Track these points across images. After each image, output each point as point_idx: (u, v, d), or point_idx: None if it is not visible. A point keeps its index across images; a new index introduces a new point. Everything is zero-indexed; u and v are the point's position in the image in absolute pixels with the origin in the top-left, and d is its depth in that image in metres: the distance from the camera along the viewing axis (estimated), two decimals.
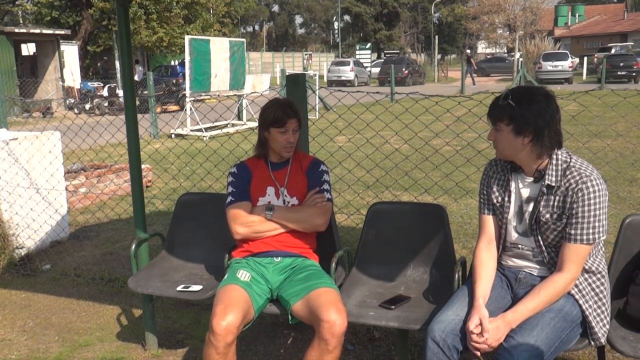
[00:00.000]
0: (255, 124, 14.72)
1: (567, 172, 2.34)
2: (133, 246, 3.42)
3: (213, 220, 3.46)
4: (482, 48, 74.90)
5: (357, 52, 50.23)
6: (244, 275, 2.83)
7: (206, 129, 14.14)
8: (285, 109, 2.96)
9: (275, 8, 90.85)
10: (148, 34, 29.33)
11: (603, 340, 2.40)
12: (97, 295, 4.49)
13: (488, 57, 49.70)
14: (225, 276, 2.89)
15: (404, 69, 34.70)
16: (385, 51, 61.93)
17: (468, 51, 39.60)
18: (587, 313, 2.37)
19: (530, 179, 2.44)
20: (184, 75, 19.96)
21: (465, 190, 6.44)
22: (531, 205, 2.44)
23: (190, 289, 3.07)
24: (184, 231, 3.56)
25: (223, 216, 3.02)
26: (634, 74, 29.39)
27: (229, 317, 2.57)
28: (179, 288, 3.09)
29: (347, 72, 36.00)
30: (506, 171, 2.51)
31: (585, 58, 35.30)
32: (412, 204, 3.37)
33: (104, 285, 4.67)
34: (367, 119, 5.44)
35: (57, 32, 23.75)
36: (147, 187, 7.90)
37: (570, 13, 60.11)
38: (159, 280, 3.23)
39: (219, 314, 2.58)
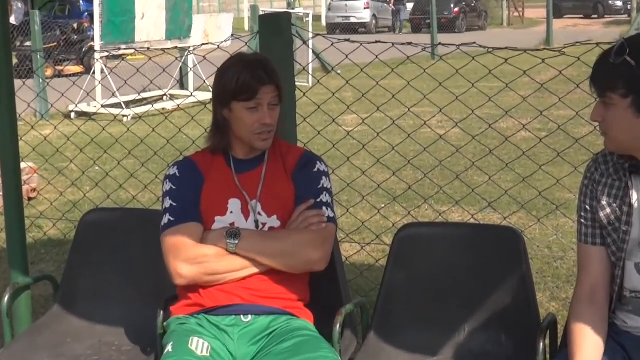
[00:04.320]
0: (208, 96, 12.91)
1: None
2: (6, 298, 2.72)
3: (138, 252, 2.78)
4: None
5: None
6: (200, 346, 2.22)
7: (127, 104, 11.38)
8: (256, 71, 2.32)
9: None
10: None
11: None
12: None
13: None
14: (168, 349, 2.23)
15: (452, 6, 28.21)
16: None
17: None
18: None
19: None
20: (91, 16, 15.81)
21: (555, 203, 5.14)
22: None
23: None
24: (90, 272, 2.89)
25: (155, 246, 2.35)
26: None
27: None
28: None
29: (360, 11, 27.22)
30: (622, 173, 2.04)
31: None
32: (467, 227, 3.05)
33: None
34: (393, 87, 4.52)
35: None
36: (29, 199, 6.70)
37: None
38: (48, 356, 2.53)
39: None
